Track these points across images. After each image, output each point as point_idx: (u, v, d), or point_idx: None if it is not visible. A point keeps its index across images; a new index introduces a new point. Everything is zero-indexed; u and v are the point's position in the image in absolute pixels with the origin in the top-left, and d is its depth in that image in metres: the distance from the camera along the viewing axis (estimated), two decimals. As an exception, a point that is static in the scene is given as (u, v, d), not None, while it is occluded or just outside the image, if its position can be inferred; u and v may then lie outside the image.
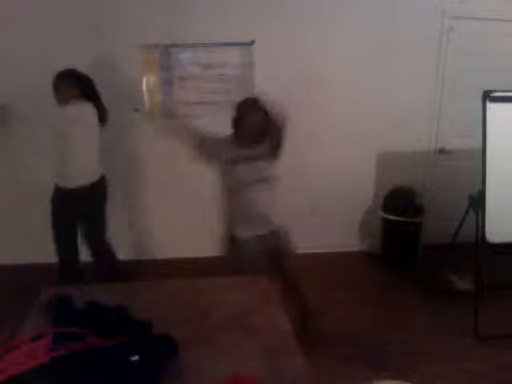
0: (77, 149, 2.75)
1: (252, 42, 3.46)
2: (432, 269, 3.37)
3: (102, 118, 2.90)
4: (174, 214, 3.78)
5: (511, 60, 3.65)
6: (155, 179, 3.70)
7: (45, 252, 3.14)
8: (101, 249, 3.03)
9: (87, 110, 2.80)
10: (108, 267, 3.05)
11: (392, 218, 3.66)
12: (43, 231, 2.97)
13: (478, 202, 2.80)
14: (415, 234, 3.67)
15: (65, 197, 2.80)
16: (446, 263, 3.29)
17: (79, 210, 2.86)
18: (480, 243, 2.78)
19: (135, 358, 1.24)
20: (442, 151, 3.91)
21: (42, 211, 2.91)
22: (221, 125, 3.55)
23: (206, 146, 2.41)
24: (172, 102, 3.55)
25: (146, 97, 3.51)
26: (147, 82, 3.49)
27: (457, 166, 3.77)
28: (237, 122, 2.31)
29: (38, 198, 3.33)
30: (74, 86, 2.78)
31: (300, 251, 2.83)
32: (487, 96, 2.70)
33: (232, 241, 2.49)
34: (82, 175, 2.79)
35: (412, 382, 1.23)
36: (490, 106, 2.70)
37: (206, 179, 3.71)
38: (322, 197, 3.79)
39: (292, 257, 2.52)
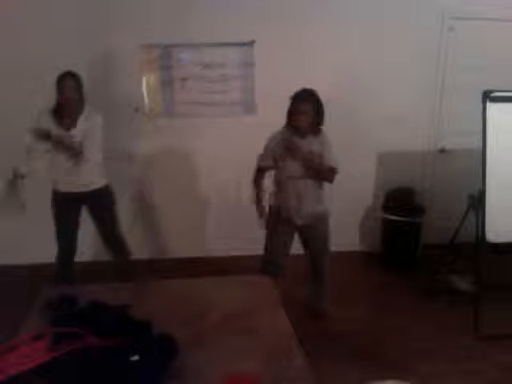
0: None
1: (252, 42, 3.46)
2: (432, 269, 3.36)
3: None
4: (175, 214, 3.79)
5: (511, 60, 3.65)
6: (155, 179, 3.70)
7: (45, 252, 3.14)
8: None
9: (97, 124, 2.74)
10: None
11: (392, 217, 3.66)
12: (43, 231, 2.97)
13: (477, 202, 2.80)
14: (415, 234, 3.67)
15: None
16: (446, 263, 3.29)
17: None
18: (480, 243, 2.78)
19: (135, 357, 1.24)
20: (442, 151, 3.91)
21: (43, 211, 2.91)
22: (220, 125, 3.60)
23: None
24: (172, 102, 3.55)
25: (145, 97, 3.52)
26: (147, 82, 3.49)
27: (457, 166, 3.77)
28: (291, 112, 2.53)
29: (39, 198, 3.34)
30: (79, 89, 2.70)
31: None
32: (487, 96, 2.70)
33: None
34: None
35: (412, 382, 1.23)
36: (489, 105, 2.70)
37: (206, 179, 3.74)
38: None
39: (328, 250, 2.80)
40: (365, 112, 3.66)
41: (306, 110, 2.45)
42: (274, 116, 3.50)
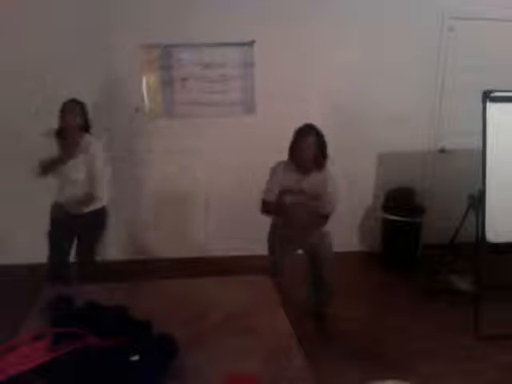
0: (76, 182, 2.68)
1: (252, 42, 3.46)
2: (432, 269, 3.36)
3: None
4: (175, 214, 3.79)
5: (511, 60, 3.65)
6: (155, 179, 3.70)
7: (45, 252, 3.13)
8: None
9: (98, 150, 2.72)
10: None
11: (392, 217, 3.66)
12: (43, 231, 2.97)
13: (477, 202, 2.80)
14: (415, 234, 3.67)
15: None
16: (446, 263, 3.29)
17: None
18: (480, 243, 2.78)
19: (135, 357, 1.25)
20: (442, 151, 3.91)
21: (42, 211, 2.90)
22: (220, 125, 3.60)
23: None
24: (172, 102, 3.55)
25: (146, 97, 3.52)
26: (147, 82, 3.49)
27: (457, 166, 3.77)
28: (293, 147, 2.50)
29: (38, 198, 3.34)
30: (80, 115, 2.67)
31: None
32: (487, 96, 2.70)
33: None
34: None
35: (412, 382, 1.23)
36: (489, 105, 2.70)
37: (206, 179, 3.74)
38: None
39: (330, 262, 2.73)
40: (365, 112, 3.66)
41: (309, 144, 2.43)
42: (273, 116, 3.54)
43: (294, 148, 2.49)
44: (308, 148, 2.43)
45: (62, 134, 2.67)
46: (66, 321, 1.41)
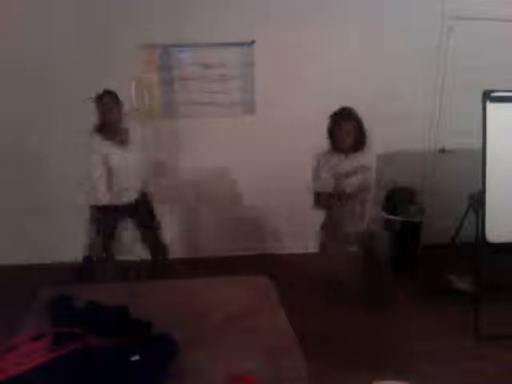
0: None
1: (252, 42, 3.46)
2: (432, 269, 3.36)
3: None
4: (174, 214, 3.79)
5: (511, 60, 3.65)
6: (155, 179, 3.69)
7: (44, 252, 3.14)
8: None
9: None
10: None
11: (392, 217, 3.66)
12: (43, 232, 2.98)
13: (478, 202, 2.80)
14: (415, 234, 3.67)
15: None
16: (446, 263, 3.29)
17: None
18: (480, 243, 2.78)
19: (135, 357, 1.24)
20: (442, 151, 3.91)
21: (43, 212, 2.92)
22: (220, 125, 3.60)
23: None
24: (172, 102, 3.55)
25: (145, 97, 3.52)
26: (147, 82, 3.49)
27: (457, 166, 3.77)
28: (332, 131, 2.55)
29: (40, 199, 3.35)
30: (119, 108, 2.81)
31: (300, 251, 2.84)
32: (487, 96, 2.70)
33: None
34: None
35: (412, 382, 1.23)
36: (489, 105, 2.70)
37: (206, 179, 3.73)
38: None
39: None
40: (365, 112, 3.65)
41: (350, 128, 2.48)
42: (273, 116, 3.54)
43: (336, 133, 2.51)
44: (350, 132, 2.48)
45: (103, 129, 2.76)
46: (65, 321, 1.41)
